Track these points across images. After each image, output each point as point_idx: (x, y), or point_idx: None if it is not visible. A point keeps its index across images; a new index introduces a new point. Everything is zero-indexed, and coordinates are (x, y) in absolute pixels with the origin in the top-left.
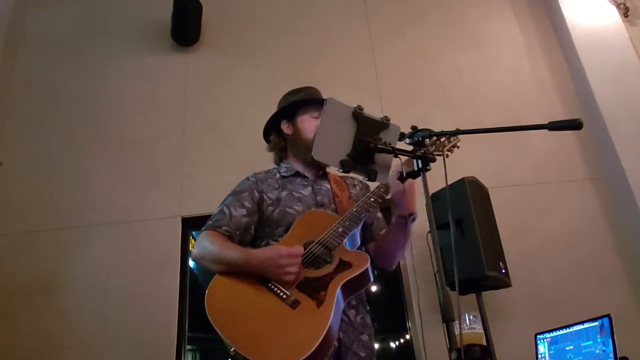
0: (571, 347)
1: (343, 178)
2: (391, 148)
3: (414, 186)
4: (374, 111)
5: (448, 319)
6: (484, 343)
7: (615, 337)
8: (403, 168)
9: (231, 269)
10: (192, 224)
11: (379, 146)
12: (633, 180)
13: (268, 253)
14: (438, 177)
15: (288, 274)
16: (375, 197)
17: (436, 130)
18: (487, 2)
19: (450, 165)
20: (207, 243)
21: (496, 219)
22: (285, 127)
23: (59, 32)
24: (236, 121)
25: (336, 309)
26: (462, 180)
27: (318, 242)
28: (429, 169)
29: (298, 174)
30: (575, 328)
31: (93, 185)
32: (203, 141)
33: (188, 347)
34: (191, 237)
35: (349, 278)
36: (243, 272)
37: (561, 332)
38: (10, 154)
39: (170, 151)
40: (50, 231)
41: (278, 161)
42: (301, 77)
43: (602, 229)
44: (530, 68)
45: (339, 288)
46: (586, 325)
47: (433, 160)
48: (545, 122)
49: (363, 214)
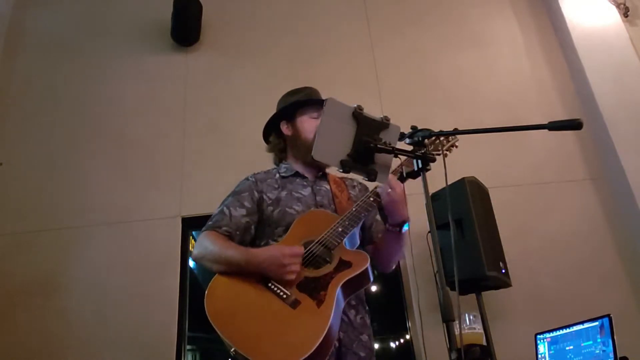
0: (571, 347)
1: (342, 179)
2: (391, 148)
3: (404, 193)
4: (374, 111)
5: (448, 319)
6: (484, 343)
7: (615, 337)
8: (403, 168)
9: (232, 269)
10: (192, 224)
11: (379, 146)
12: (633, 180)
13: (269, 252)
14: (438, 177)
15: (290, 273)
16: (374, 197)
17: (436, 130)
18: (487, 2)
19: (450, 165)
20: (208, 243)
21: (496, 219)
22: (284, 128)
23: (59, 32)
24: (236, 121)
25: (336, 309)
26: (462, 180)
27: (318, 242)
28: (429, 169)
29: (298, 174)
30: (575, 328)
31: (93, 185)
32: (203, 141)
33: (188, 347)
34: (191, 237)
35: (349, 277)
36: (243, 272)
37: (561, 332)
38: (10, 154)
39: (170, 151)
40: (50, 231)
41: (278, 162)
42: (301, 77)
43: (602, 229)
44: (530, 68)
45: (339, 287)
46: (586, 325)
47: (433, 160)
48: (545, 122)
49: (363, 214)
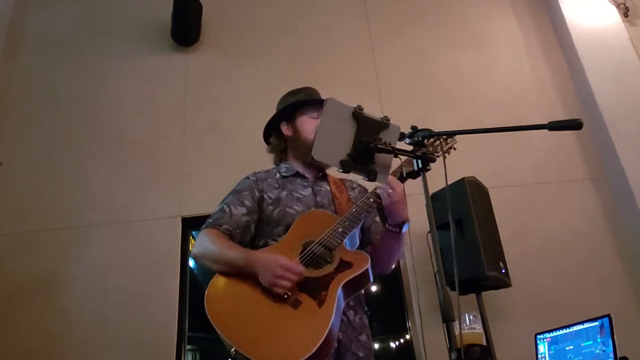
0: (571, 347)
1: (342, 181)
2: (391, 148)
3: (404, 193)
4: (374, 111)
5: (448, 319)
6: (484, 343)
7: (615, 337)
8: (403, 169)
9: (232, 269)
10: (192, 224)
11: (379, 146)
12: (633, 180)
13: (268, 258)
14: (438, 177)
15: (278, 286)
16: (374, 198)
17: (436, 130)
18: (487, 2)
19: (450, 165)
20: (208, 242)
21: (496, 219)
22: (285, 129)
23: (59, 32)
24: (236, 121)
25: (337, 309)
26: (462, 180)
27: (318, 242)
28: (429, 169)
29: (298, 175)
30: (575, 328)
31: (93, 185)
32: (203, 141)
33: (188, 347)
34: (191, 237)
35: (350, 278)
36: (244, 273)
37: (561, 332)
38: (10, 154)
39: (170, 151)
40: (50, 231)
41: (278, 162)
42: (301, 77)
43: (602, 229)
44: (530, 68)
45: (340, 288)
46: (586, 325)
47: (433, 160)
48: (545, 122)
49: (363, 214)
